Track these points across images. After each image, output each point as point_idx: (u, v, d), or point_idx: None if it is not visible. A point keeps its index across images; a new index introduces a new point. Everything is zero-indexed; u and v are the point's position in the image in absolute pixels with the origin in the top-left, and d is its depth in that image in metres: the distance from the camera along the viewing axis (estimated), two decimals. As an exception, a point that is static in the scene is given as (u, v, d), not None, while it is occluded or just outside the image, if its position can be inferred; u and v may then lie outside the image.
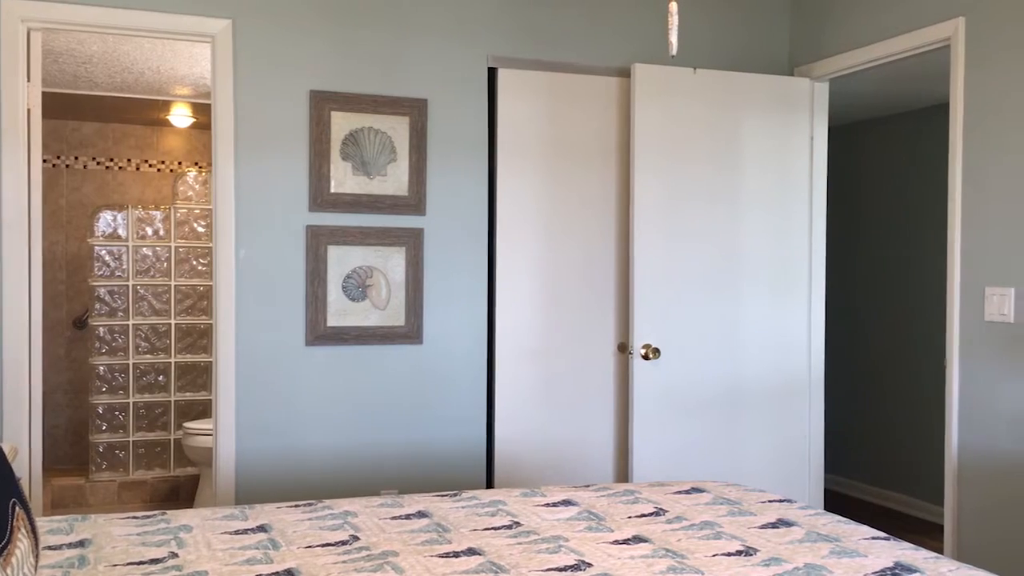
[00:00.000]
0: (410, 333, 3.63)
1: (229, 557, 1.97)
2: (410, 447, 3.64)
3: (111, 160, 6.11)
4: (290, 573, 1.86)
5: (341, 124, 3.55)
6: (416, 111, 3.62)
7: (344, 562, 1.93)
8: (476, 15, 3.73)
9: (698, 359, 3.87)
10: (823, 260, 4.10)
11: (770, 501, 2.53)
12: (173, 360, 5.44)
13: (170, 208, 5.44)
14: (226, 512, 2.37)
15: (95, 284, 5.31)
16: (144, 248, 5.39)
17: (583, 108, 3.88)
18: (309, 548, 2.04)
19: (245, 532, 2.17)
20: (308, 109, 3.51)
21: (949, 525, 3.35)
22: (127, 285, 5.35)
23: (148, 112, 5.74)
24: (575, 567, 1.91)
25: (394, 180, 3.62)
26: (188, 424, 4.98)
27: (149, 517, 2.31)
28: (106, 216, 5.36)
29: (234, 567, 1.89)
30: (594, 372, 3.90)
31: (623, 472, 3.91)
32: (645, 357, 3.77)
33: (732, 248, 3.93)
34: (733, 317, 3.93)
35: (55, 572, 1.85)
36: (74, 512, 5.05)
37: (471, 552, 2.02)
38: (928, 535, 4.57)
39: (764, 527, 2.25)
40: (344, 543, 2.08)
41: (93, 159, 6.08)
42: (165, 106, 5.60)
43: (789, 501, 2.55)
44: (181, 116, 5.76)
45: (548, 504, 2.48)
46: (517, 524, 2.27)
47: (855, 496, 5.57)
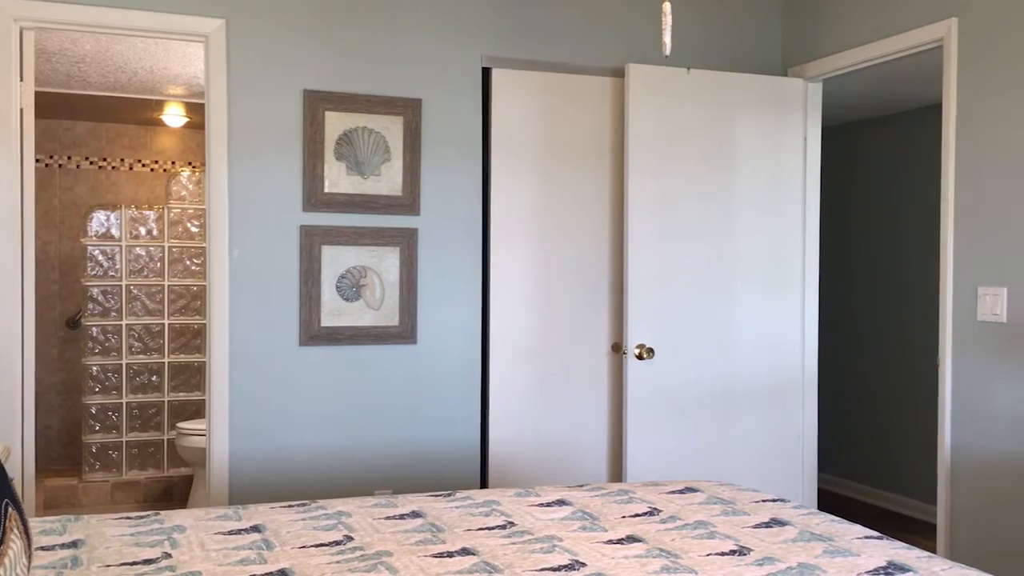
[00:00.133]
0: (404, 333, 3.63)
1: (223, 557, 1.96)
2: (404, 447, 3.64)
3: (104, 160, 6.10)
4: (284, 573, 1.86)
5: (335, 124, 3.54)
6: (410, 111, 3.62)
7: (338, 562, 1.93)
8: (470, 15, 3.73)
9: (692, 359, 3.87)
10: (816, 260, 4.11)
11: (763, 500, 2.54)
12: (166, 360, 5.43)
13: (163, 208, 5.43)
14: (220, 512, 2.36)
15: (88, 284, 5.30)
16: (137, 248, 5.38)
17: (577, 108, 3.88)
18: (303, 548, 2.04)
19: (239, 532, 2.17)
20: (302, 109, 3.51)
21: (942, 524, 3.36)
22: (120, 285, 5.34)
23: (141, 112, 5.73)
24: (569, 567, 1.92)
25: (388, 180, 3.61)
26: (181, 424, 4.97)
27: (142, 517, 2.30)
28: (99, 216, 5.34)
29: (228, 567, 1.89)
30: (588, 372, 3.90)
31: (617, 472, 3.91)
32: (639, 357, 3.77)
33: (726, 248, 3.93)
34: (727, 317, 3.93)
35: (48, 573, 1.84)
36: (67, 513, 5.03)
37: (465, 552, 2.02)
38: (921, 534, 4.59)
39: (758, 527, 2.25)
40: (338, 543, 2.08)
41: (86, 159, 6.06)
42: (158, 106, 5.60)
43: (782, 500, 2.56)
44: (174, 116, 5.75)
45: (542, 504, 2.48)
46: (511, 524, 2.27)
47: (848, 496, 5.59)
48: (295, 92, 3.50)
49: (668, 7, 2.25)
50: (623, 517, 2.34)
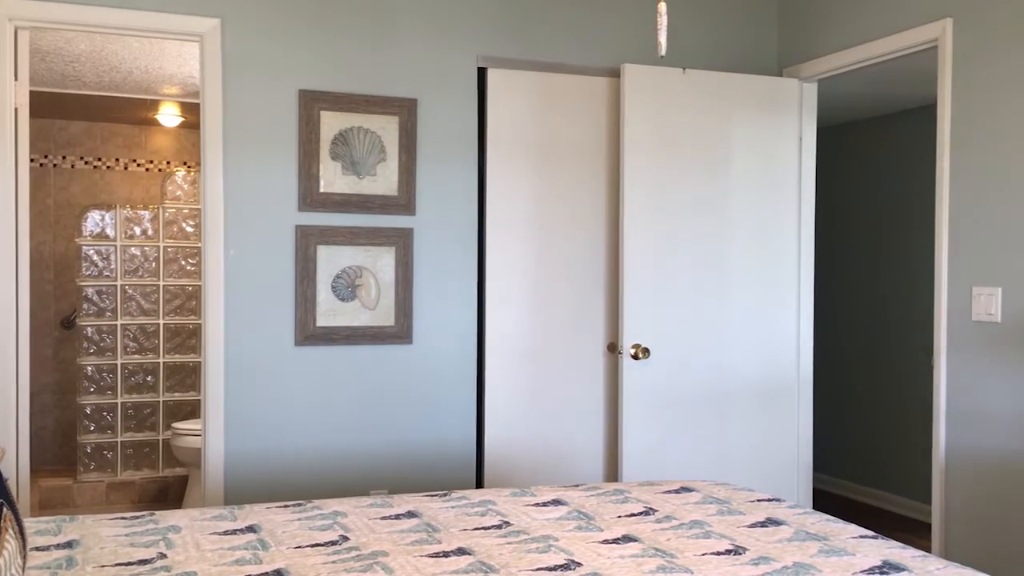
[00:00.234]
0: (400, 333, 3.63)
1: (218, 558, 1.96)
2: (400, 447, 3.64)
3: (99, 159, 6.09)
4: (279, 573, 1.86)
5: (331, 124, 3.54)
6: (406, 111, 3.62)
7: (334, 562, 1.93)
8: (466, 15, 3.73)
9: (688, 358, 3.88)
10: (811, 260, 4.11)
11: (759, 500, 2.54)
12: (161, 360, 5.42)
13: (158, 208, 5.42)
14: (215, 512, 2.36)
15: (83, 284, 5.29)
16: (132, 248, 5.37)
17: (573, 108, 3.89)
18: (299, 548, 2.04)
19: (234, 532, 2.17)
20: (297, 108, 3.50)
21: (937, 523, 3.37)
22: (115, 285, 5.33)
23: (136, 111, 5.72)
24: (565, 567, 1.92)
25: (384, 180, 3.61)
26: (177, 424, 4.97)
27: (137, 518, 2.30)
28: (94, 216, 5.33)
29: (223, 567, 1.89)
30: (584, 372, 3.90)
31: (613, 471, 3.92)
32: (635, 357, 3.77)
33: (721, 248, 3.94)
34: (722, 316, 3.94)
35: (43, 573, 1.84)
36: (62, 513, 5.02)
37: (461, 552, 2.02)
38: (916, 534, 4.60)
39: (753, 526, 2.26)
40: (334, 543, 2.08)
41: (81, 158, 6.05)
42: (153, 105, 5.58)
43: (778, 500, 2.56)
44: (169, 115, 5.74)
45: (538, 504, 2.48)
46: (507, 524, 2.27)
47: (843, 495, 5.60)
48: (290, 92, 3.50)
49: (663, 7, 2.25)
50: (619, 517, 2.34)
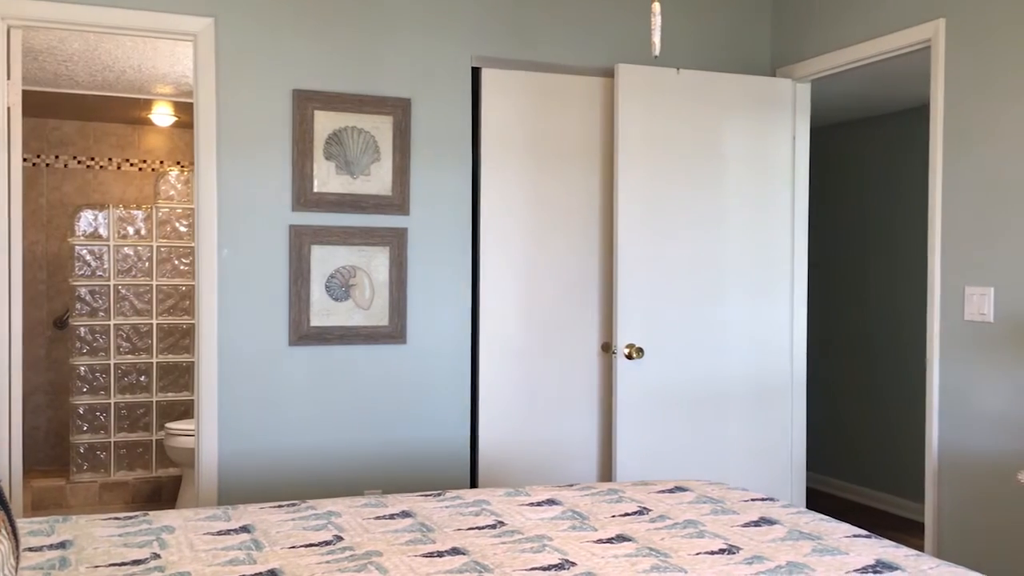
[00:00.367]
0: (394, 333, 3.63)
1: (212, 558, 1.96)
2: (394, 447, 3.64)
3: (92, 159, 6.07)
4: (273, 574, 1.85)
5: (324, 123, 3.54)
6: (400, 110, 3.62)
7: (328, 562, 1.93)
8: (460, 15, 3.73)
9: (682, 358, 3.88)
10: (805, 260, 4.12)
11: (752, 500, 2.55)
12: (155, 360, 5.41)
13: (152, 207, 5.41)
14: (209, 513, 2.36)
15: (76, 284, 5.28)
16: (125, 248, 5.36)
17: (567, 108, 3.89)
18: (293, 548, 2.03)
19: (228, 533, 2.16)
20: (291, 108, 3.50)
21: (930, 523, 3.38)
22: (108, 285, 5.31)
23: (129, 111, 5.71)
24: (559, 566, 1.92)
25: (378, 180, 3.61)
26: (170, 425, 4.96)
27: (131, 518, 2.29)
28: (87, 215, 5.32)
29: (217, 568, 1.89)
30: (578, 371, 3.90)
31: (607, 471, 3.92)
32: (629, 357, 3.78)
33: (715, 248, 3.94)
34: (716, 316, 3.94)
35: (36, 574, 1.84)
36: (55, 513, 5.01)
37: (455, 552, 2.02)
38: (909, 533, 4.61)
39: (747, 525, 2.26)
40: (328, 543, 2.08)
41: (74, 158, 6.03)
42: (147, 105, 5.57)
43: (771, 499, 2.57)
44: (163, 115, 5.73)
45: (532, 503, 2.48)
46: (501, 524, 2.27)
47: (837, 494, 5.61)
48: (284, 91, 3.49)
49: (657, 7, 2.26)
50: (613, 516, 2.35)
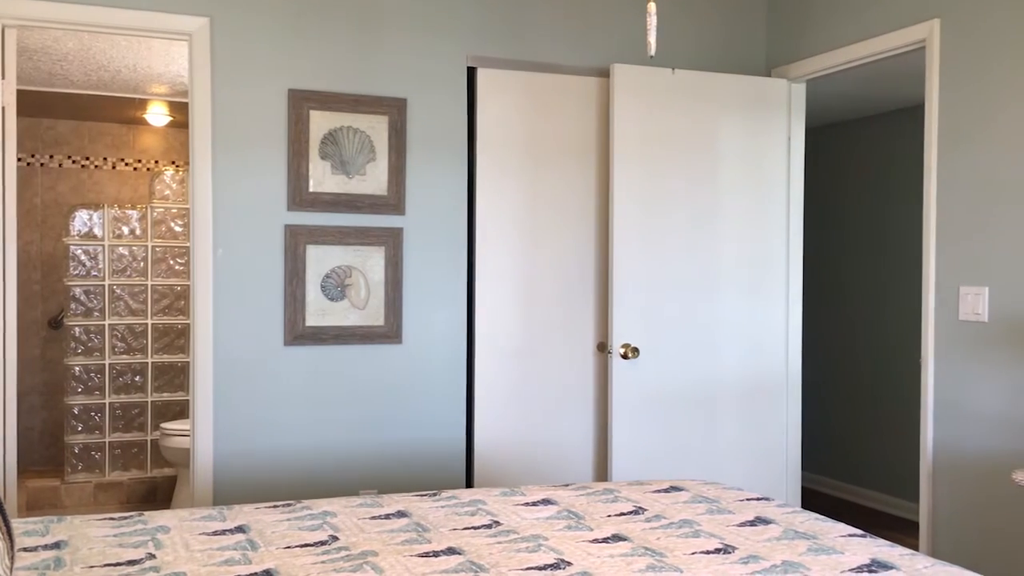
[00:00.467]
0: (389, 333, 3.63)
1: (207, 558, 1.96)
2: (389, 447, 3.64)
3: (87, 159, 6.06)
4: (269, 574, 1.85)
5: (320, 123, 3.53)
6: (395, 110, 3.62)
7: (323, 562, 1.93)
8: (455, 14, 3.73)
9: (677, 358, 3.88)
10: (800, 260, 4.12)
11: (748, 499, 2.55)
12: (150, 360, 5.40)
13: (147, 207, 5.40)
14: (204, 513, 2.36)
15: (71, 284, 5.27)
16: (120, 247, 5.35)
17: (562, 108, 3.89)
18: (288, 549, 2.03)
19: (223, 533, 2.16)
20: (287, 108, 3.49)
21: (924, 522, 3.38)
22: (103, 285, 5.30)
23: (124, 110, 5.69)
24: (555, 566, 1.92)
25: (373, 180, 3.61)
26: (165, 425, 4.95)
27: (126, 518, 2.29)
28: (82, 215, 5.31)
29: (212, 568, 1.88)
30: (573, 371, 3.91)
31: (602, 471, 3.92)
32: (624, 356, 3.78)
33: (711, 247, 3.94)
34: (711, 316, 3.95)
35: (31, 574, 1.83)
36: (50, 514, 5.00)
37: (451, 552, 2.02)
38: (904, 532, 4.62)
39: (742, 525, 2.26)
40: (323, 543, 2.08)
41: (68, 157, 6.02)
42: (142, 104, 5.56)
43: (767, 499, 2.57)
44: (158, 114, 5.72)
45: (528, 503, 2.48)
46: (497, 523, 2.27)
47: (831, 494, 5.62)
48: (280, 91, 3.49)
49: (653, 7, 2.26)
50: (608, 516, 2.35)
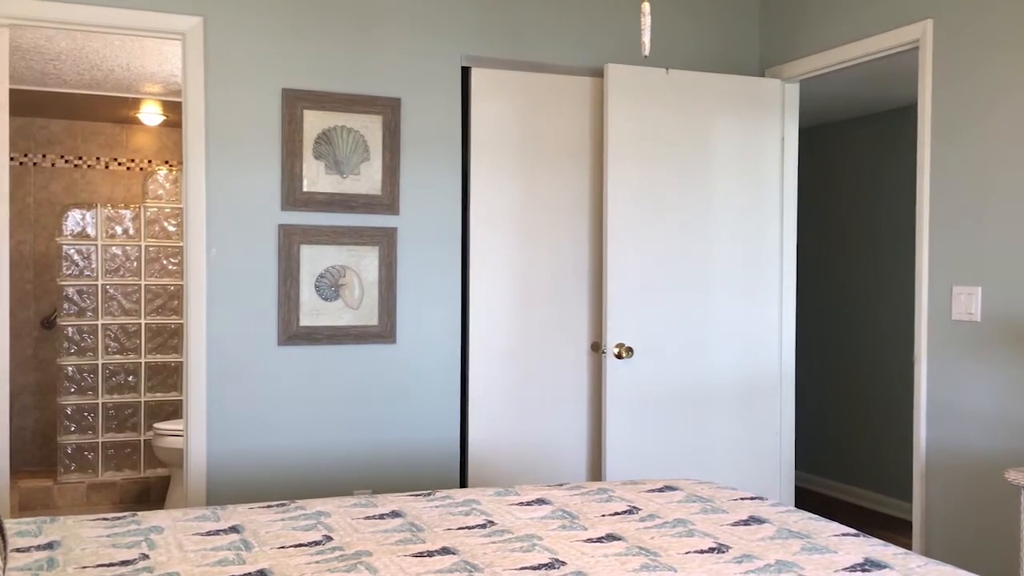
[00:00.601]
0: (383, 333, 3.62)
1: (201, 558, 1.95)
2: (383, 447, 3.63)
3: (80, 158, 6.04)
4: (263, 574, 1.85)
5: (314, 123, 3.53)
6: (389, 110, 3.61)
7: (317, 562, 1.92)
8: (449, 14, 3.72)
9: (671, 358, 3.89)
10: (794, 259, 4.13)
11: (742, 499, 2.55)
12: (143, 360, 5.39)
13: (140, 207, 5.39)
14: (198, 513, 2.35)
15: (63, 283, 5.25)
16: (113, 247, 5.33)
17: (556, 108, 3.89)
18: (282, 549, 2.03)
19: (217, 533, 2.16)
20: (280, 107, 3.49)
21: (917, 521, 3.39)
22: (96, 284, 5.29)
23: (117, 110, 5.68)
24: (549, 566, 1.92)
25: (367, 179, 3.60)
26: (158, 425, 4.94)
27: (119, 518, 2.28)
28: (75, 215, 5.29)
29: (206, 568, 1.88)
30: (568, 371, 3.91)
31: (596, 471, 3.92)
32: (618, 356, 3.78)
33: (704, 247, 3.95)
34: (705, 316, 3.95)
35: (24, 574, 1.83)
36: (42, 514, 4.98)
37: (445, 551, 2.02)
38: (897, 531, 4.63)
39: (736, 524, 2.27)
40: (317, 543, 2.07)
41: (61, 157, 6.00)
42: (135, 104, 5.55)
43: (760, 499, 2.57)
44: (151, 114, 5.70)
45: (522, 503, 2.48)
46: (491, 523, 2.27)
47: (825, 493, 5.63)
48: (273, 90, 3.48)
49: (647, 7, 2.26)
50: (603, 516, 2.35)
